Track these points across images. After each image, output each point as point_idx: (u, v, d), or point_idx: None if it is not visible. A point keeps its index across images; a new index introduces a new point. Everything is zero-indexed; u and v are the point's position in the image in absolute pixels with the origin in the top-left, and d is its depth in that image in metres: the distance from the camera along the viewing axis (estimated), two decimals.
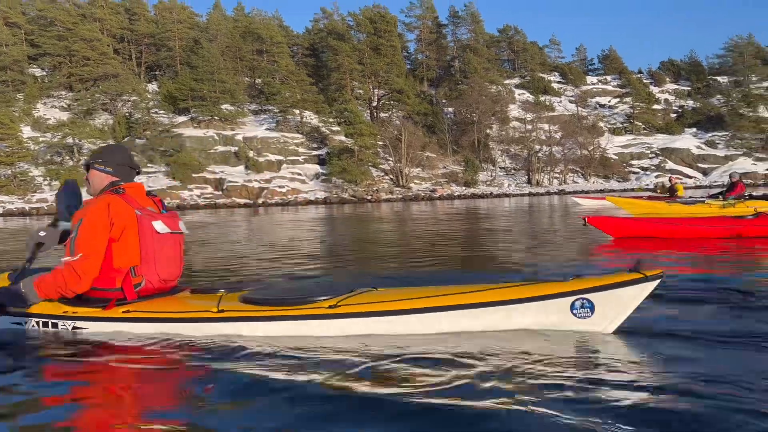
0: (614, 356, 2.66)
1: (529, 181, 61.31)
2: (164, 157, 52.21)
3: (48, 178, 48.48)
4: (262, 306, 3.12)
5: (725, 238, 7.95)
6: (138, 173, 3.49)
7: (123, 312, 3.15)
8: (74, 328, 3.21)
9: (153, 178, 50.25)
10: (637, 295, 2.91)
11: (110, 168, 3.36)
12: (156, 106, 56.86)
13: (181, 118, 56.77)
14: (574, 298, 2.93)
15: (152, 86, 63.60)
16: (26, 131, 51.76)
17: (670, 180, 18.81)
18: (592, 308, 2.94)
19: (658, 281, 2.88)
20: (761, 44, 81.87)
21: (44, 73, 61.10)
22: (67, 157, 51.07)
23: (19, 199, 45.98)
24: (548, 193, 53.68)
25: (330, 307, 3.03)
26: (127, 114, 56.56)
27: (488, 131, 65.33)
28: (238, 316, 3.09)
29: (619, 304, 2.92)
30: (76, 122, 51.79)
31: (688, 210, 13.37)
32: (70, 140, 50.49)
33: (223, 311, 3.09)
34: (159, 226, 3.26)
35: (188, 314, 3.14)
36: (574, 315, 2.96)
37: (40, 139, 51.20)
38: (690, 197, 16.89)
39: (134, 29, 67.08)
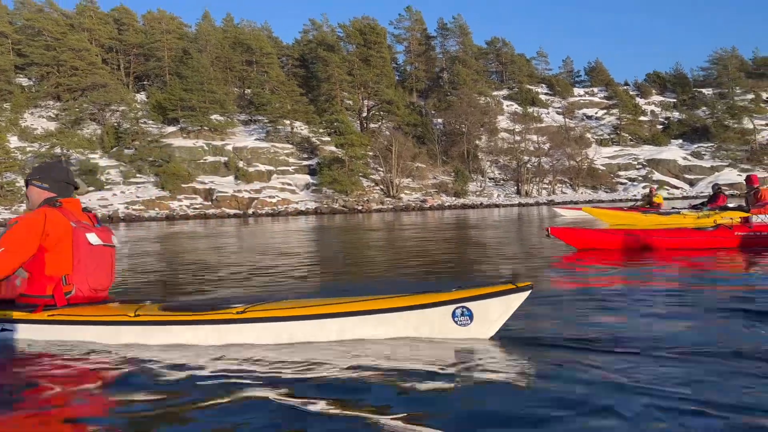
0: (491, 360, 2.87)
1: (518, 192, 61.62)
2: (153, 167, 51.92)
3: None
4: (176, 312, 3.36)
5: (683, 249, 7.94)
6: (76, 189, 3.71)
7: (48, 315, 3.37)
8: (2, 330, 3.44)
9: (142, 189, 49.95)
10: (510, 303, 3.17)
11: (47, 184, 3.59)
12: (145, 116, 56.61)
13: (171, 128, 56.56)
14: (455, 306, 3.17)
15: (140, 96, 63.37)
16: (13, 141, 51.25)
17: (650, 191, 18.94)
18: (471, 316, 3.18)
19: (528, 292, 3.17)
20: (744, 57, 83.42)
21: (31, 82, 60.67)
22: None
23: (6, 209, 45.39)
24: (537, 204, 53.94)
25: (238, 313, 3.26)
26: (115, 124, 56.24)
27: (477, 142, 65.69)
28: (151, 320, 3.32)
29: (494, 312, 3.17)
30: (64, 132, 51.36)
31: (661, 221, 13.35)
32: (58, 150, 50.08)
33: (138, 316, 3.32)
34: (93, 238, 3.49)
35: (106, 317, 3.36)
36: (455, 322, 3.20)
37: (27, 149, 50.74)
38: (673, 208, 16.99)
39: (123, 39, 66.91)
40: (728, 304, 4.22)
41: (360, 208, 50.41)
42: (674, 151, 69.71)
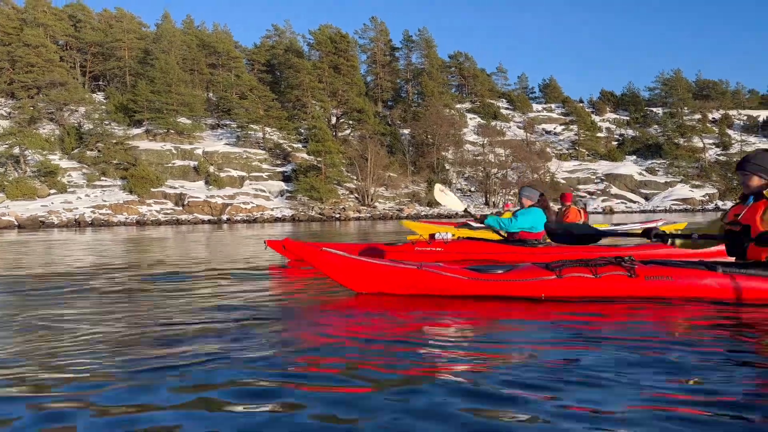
0: None
1: (486, 203, 62.35)
2: (119, 171, 49.61)
3: None
4: None
5: None
6: None
7: None
8: None
9: (108, 192, 47.59)
10: None
11: None
12: (106, 117, 54.09)
13: (136, 131, 54.25)
14: None
15: (97, 97, 60.59)
16: None
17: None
18: None
19: None
20: (688, 79, 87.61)
21: None
22: (11, 168, 47.57)
23: None
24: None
25: None
26: (76, 124, 53.47)
27: (444, 153, 66.17)
28: None
29: None
30: (23, 131, 48.35)
31: (472, 233, 12.90)
32: (16, 150, 47.14)
33: None
34: None
35: None
36: None
37: None
38: None
39: (79, 37, 63.92)
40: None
41: (338, 216, 49.67)
42: (630, 167, 72.26)
